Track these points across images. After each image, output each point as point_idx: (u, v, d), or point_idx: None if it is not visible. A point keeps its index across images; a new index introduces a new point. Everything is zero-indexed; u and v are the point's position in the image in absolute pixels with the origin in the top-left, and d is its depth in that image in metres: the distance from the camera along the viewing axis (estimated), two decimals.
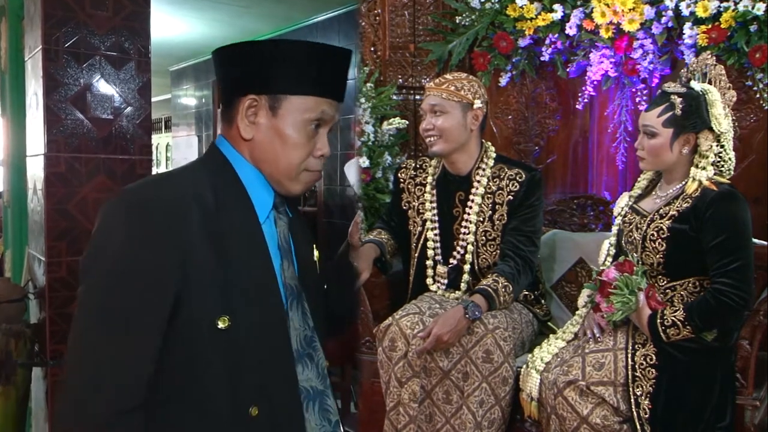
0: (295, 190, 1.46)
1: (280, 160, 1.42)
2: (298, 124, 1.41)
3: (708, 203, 2.26)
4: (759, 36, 2.85)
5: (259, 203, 1.44)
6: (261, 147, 1.42)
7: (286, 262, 1.45)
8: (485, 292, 2.52)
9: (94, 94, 3.07)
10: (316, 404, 1.47)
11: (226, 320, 1.30)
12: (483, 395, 2.46)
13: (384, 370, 2.60)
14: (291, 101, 1.40)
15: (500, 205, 2.71)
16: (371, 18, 3.44)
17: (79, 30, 3.02)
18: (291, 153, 1.42)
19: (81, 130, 3.04)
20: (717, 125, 2.33)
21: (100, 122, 3.10)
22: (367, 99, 3.34)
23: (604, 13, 3.06)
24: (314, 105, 1.41)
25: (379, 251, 2.80)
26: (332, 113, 1.45)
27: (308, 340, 1.47)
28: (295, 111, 1.40)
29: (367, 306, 2.86)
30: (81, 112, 3.04)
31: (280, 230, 1.47)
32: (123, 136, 3.15)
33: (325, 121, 1.44)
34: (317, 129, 1.44)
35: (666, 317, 2.24)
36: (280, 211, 1.48)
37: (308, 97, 1.41)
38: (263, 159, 1.43)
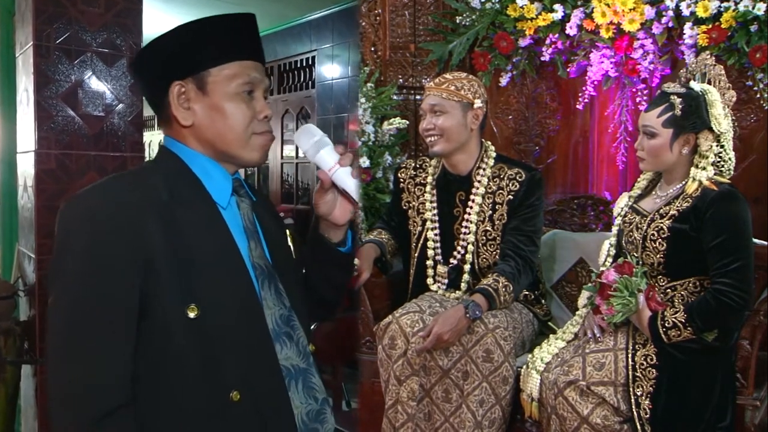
0: (252, 158, 1.48)
1: (226, 133, 1.43)
2: (230, 94, 1.42)
3: (708, 203, 2.26)
4: (759, 36, 2.85)
5: (217, 190, 1.45)
6: (204, 129, 1.44)
7: (253, 242, 1.46)
8: (486, 291, 2.51)
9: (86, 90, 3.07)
10: (299, 382, 1.46)
11: (195, 309, 1.31)
12: (483, 394, 2.45)
13: (384, 369, 2.60)
14: (215, 74, 1.42)
15: (500, 205, 2.71)
16: (371, 18, 3.44)
17: (71, 26, 3.01)
18: (233, 123, 1.43)
19: (72, 127, 3.04)
20: (717, 125, 2.33)
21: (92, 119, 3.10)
22: (367, 99, 3.33)
23: (604, 13, 3.07)
24: (239, 70, 1.43)
25: (380, 251, 2.80)
26: (260, 75, 1.46)
27: (285, 319, 1.47)
28: (223, 82, 1.42)
29: (367, 306, 2.86)
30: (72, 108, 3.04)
31: (243, 212, 1.48)
32: (114, 133, 3.14)
33: (256, 83, 1.45)
34: (251, 94, 1.45)
35: (667, 318, 2.24)
36: (241, 194, 1.50)
37: (230, 65, 1.42)
38: (210, 139, 1.44)
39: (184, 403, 1.33)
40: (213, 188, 1.45)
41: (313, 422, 1.47)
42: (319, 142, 1.50)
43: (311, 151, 1.50)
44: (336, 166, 1.49)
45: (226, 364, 1.35)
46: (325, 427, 1.49)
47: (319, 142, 1.50)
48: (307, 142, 1.51)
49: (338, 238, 1.61)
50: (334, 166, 1.49)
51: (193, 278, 1.33)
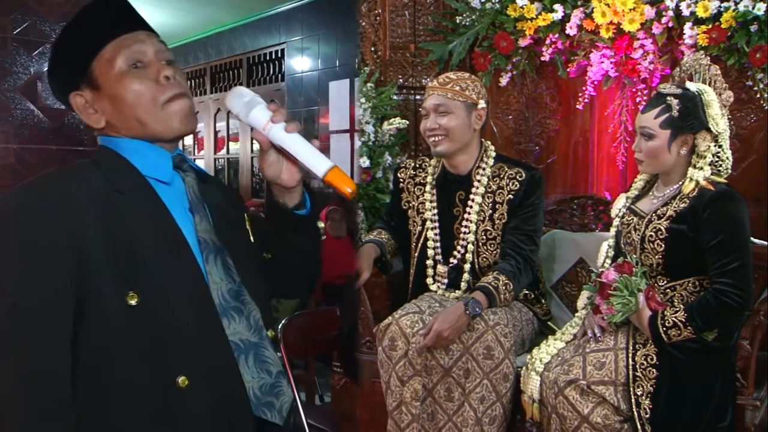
0: (172, 127, 1.42)
1: (138, 114, 1.39)
2: (119, 77, 1.38)
3: (705, 203, 2.27)
4: (759, 36, 2.85)
5: (155, 169, 1.42)
6: (118, 122, 1.41)
7: (198, 216, 1.43)
8: (486, 289, 2.52)
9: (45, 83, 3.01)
10: (250, 357, 1.42)
11: (135, 296, 1.29)
12: (484, 392, 2.46)
13: (384, 370, 2.60)
14: (96, 65, 1.38)
15: (500, 205, 2.71)
16: (371, 18, 3.44)
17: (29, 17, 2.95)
18: (135, 102, 1.38)
19: (31, 121, 2.99)
20: (714, 125, 2.33)
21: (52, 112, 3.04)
22: (367, 99, 3.34)
23: (604, 13, 3.06)
24: (114, 50, 1.38)
25: (380, 251, 2.81)
26: (144, 45, 1.41)
27: (234, 293, 1.43)
28: (107, 69, 1.38)
29: (367, 306, 2.87)
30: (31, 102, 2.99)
31: (188, 186, 1.45)
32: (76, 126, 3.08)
33: (140, 52, 1.40)
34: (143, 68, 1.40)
35: (667, 318, 2.24)
36: (184, 168, 1.46)
37: (106, 48, 1.38)
38: (129, 129, 1.41)
39: (130, 394, 1.30)
40: (150, 169, 1.41)
41: (267, 395, 1.43)
42: (250, 102, 1.42)
43: (243, 112, 1.43)
44: (269, 124, 1.41)
45: (172, 349, 1.32)
46: (282, 399, 1.45)
47: (250, 102, 1.42)
48: (238, 103, 1.43)
49: (294, 202, 1.53)
50: (267, 123, 1.41)
51: (132, 265, 1.30)
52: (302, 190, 1.54)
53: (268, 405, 1.43)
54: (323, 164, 1.38)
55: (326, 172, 1.37)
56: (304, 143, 1.41)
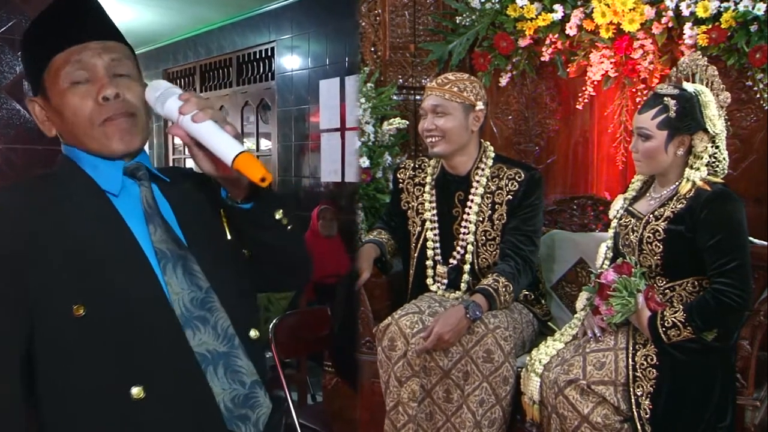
0: (109, 147, 1.38)
1: (74, 131, 1.38)
2: (62, 92, 1.36)
3: (702, 203, 2.27)
4: (759, 36, 2.85)
5: (105, 179, 1.39)
6: (63, 133, 1.41)
7: (152, 226, 1.38)
8: (486, 291, 2.51)
9: None
10: (220, 367, 1.36)
11: (82, 307, 1.26)
12: (483, 395, 2.46)
13: (383, 370, 2.60)
14: (46, 77, 1.37)
15: (500, 205, 2.71)
16: (371, 18, 3.43)
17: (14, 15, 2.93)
18: (74, 119, 1.36)
19: (17, 120, 2.96)
20: (711, 126, 2.33)
21: None
22: (367, 99, 3.33)
23: (604, 13, 3.07)
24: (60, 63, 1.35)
25: (379, 251, 2.81)
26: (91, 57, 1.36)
27: (198, 302, 1.37)
28: (53, 81, 1.36)
29: (367, 306, 2.86)
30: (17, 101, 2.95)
31: (143, 195, 1.40)
32: None
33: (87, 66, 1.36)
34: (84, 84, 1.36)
35: (666, 318, 2.24)
36: (139, 176, 1.42)
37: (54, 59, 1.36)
38: (72, 140, 1.40)
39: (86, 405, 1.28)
40: (101, 179, 1.39)
41: (241, 408, 1.38)
42: (164, 94, 1.32)
43: (158, 105, 1.33)
44: (179, 116, 1.28)
45: (125, 360, 1.29)
46: (258, 411, 1.40)
47: (165, 94, 1.32)
48: (153, 95, 1.34)
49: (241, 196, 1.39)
50: (177, 116, 1.29)
51: (81, 275, 1.27)
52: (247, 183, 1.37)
53: (242, 418, 1.38)
54: (231, 150, 1.22)
55: (234, 158, 1.21)
56: (212, 130, 1.26)
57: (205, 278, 1.39)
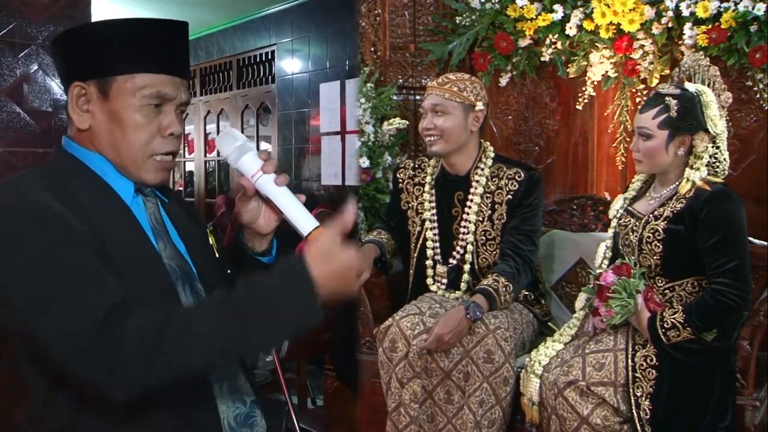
0: (147, 179, 1.38)
1: (121, 146, 1.35)
2: (133, 105, 1.33)
3: (702, 203, 2.27)
4: (759, 36, 2.85)
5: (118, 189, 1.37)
6: (99, 135, 1.36)
7: (162, 243, 1.39)
8: (486, 292, 2.51)
9: (32, 85, 2.99)
10: (224, 385, 1.39)
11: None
12: (484, 395, 2.46)
13: (384, 371, 2.60)
14: (121, 82, 1.33)
15: (499, 205, 2.71)
16: (371, 18, 3.44)
17: (14, 18, 2.93)
18: (131, 137, 1.34)
19: (18, 124, 2.96)
20: (712, 126, 2.33)
21: (39, 115, 3.02)
22: (367, 99, 3.33)
23: (604, 14, 3.07)
24: (148, 82, 1.34)
25: (379, 251, 2.80)
26: (174, 91, 1.37)
27: None
28: (128, 92, 1.33)
29: (367, 306, 2.86)
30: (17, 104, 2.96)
31: (150, 212, 1.41)
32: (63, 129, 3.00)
33: (166, 99, 1.36)
34: (159, 108, 1.36)
35: (665, 319, 2.24)
36: (146, 193, 1.43)
37: (140, 75, 1.33)
38: (105, 147, 1.36)
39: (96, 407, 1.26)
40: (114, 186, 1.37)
41: (242, 426, 1.40)
42: (241, 147, 1.42)
43: (233, 156, 1.42)
44: (259, 173, 1.40)
45: None
46: (256, 430, 1.42)
47: (242, 148, 1.42)
48: (229, 146, 1.42)
49: (262, 248, 1.52)
50: (257, 172, 1.40)
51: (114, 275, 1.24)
52: (272, 237, 1.51)
53: None
54: (309, 224, 1.36)
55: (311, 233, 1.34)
56: (292, 198, 1.39)
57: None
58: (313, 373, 4.04)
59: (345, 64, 5.56)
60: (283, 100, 6.33)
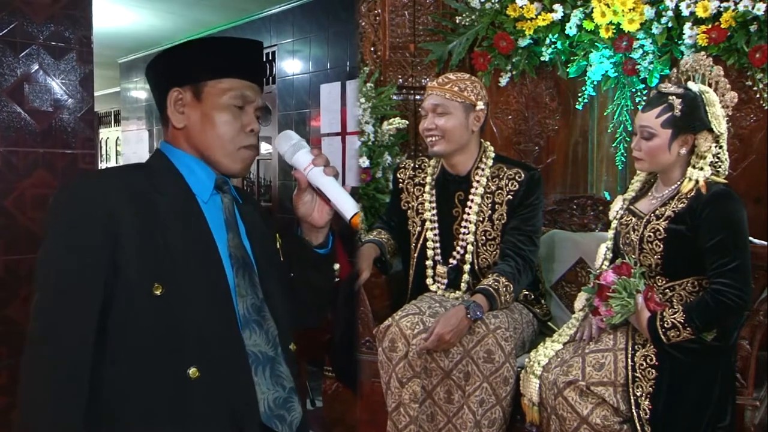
0: (235, 168, 1.61)
1: (213, 140, 1.57)
2: (221, 104, 1.56)
3: (704, 203, 2.26)
4: (759, 36, 2.85)
5: (199, 185, 1.57)
6: (194, 132, 1.58)
7: (232, 234, 1.58)
8: (486, 291, 2.51)
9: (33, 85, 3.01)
10: (267, 369, 1.54)
11: (160, 287, 1.42)
12: (484, 395, 2.45)
13: (384, 371, 2.60)
14: (211, 86, 1.57)
15: (500, 205, 2.71)
16: (371, 18, 3.44)
17: (15, 18, 2.94)
18: (221, 131, 1.57)
19: (18, 123, 2.97)
20: (716, 126, 2.32)
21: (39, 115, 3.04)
22: (367, 99, 3.33)
23: (604, 13, 3.07)
24: (233, 86, 1.57)
25: (379, 251, 2.80)
26: (253, 95, 1.60)
27: (256, 308, 1.56)
28: (217, 94, 1.56)
29: (367, 306, 2.86)
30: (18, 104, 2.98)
31: (225, 206, 1.60)
32: (64, 129, 3.08)
33: (247, 101, 1.59)
34: (241, 109, 1.58)
35: (666, 319, 2.24)
36: (224, 190, 1.62)
37: (225, 80, 1.57)
38: (199, 143, 1.59)
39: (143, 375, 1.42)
40: (194, 183, 1.57)
41: (280, 409, 1.54)
42: (296, 145, 1.63)
43: (289, 153, 1.63)
44: (310, 166, 1.61)
45: (187, 341, 1.44)
46: (292, 414, 1.56)
47: (296, 145, 1.63)
48: (286, 144, 1.64)
49: (318, 241, 1.72)
50: (308, 165, 1.61)
51: (161, 260, 1.44)
52: (328, 231, 1.72)
53: (279, 418, 1.54)
54: (352, 208, 1.58)
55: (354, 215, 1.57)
56: (338, 186, 1.60)
57: (261, 289, 1.60)
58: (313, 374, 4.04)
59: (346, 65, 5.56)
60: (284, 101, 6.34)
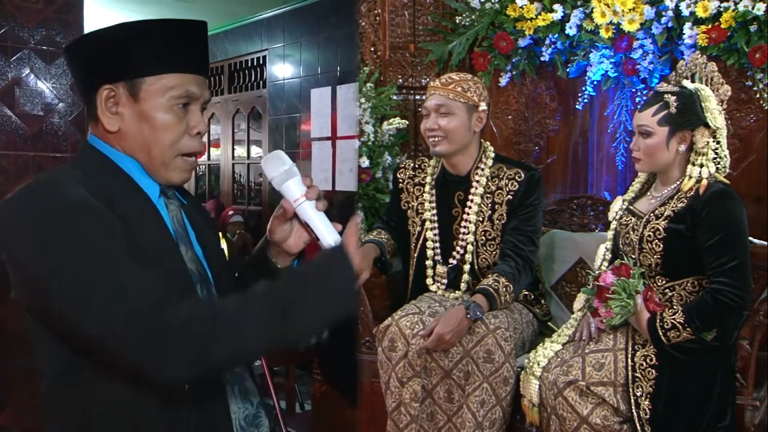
0: (174, 178, 1.42)
1: (152, 146, 1.37)
2: (163, 105, 1.36)
3: (703, 203, 2.27)
4: (759, 36, 2.85)
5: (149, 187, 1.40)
6: (129, 136, 1.37)
7: (184, 246, 1.42)
8: (486, 291, 2.51)
9: (23, 89, 3.00)
10: (236, 386, 1.45)
11: None
12: (484, 395, 2.45)
13: (384, 371, 2.60)
14: (150, 83, 1.35)
15: (500, 205, 2.71)
16: (371, 18, 3.44)
17: (6, 22, 2.93)
18: (161, 136, 1.37)
19: (9, 127, 2.96)
20: (712, 120, 2.33)
21: (30, 118, 3.02)
22: (367, 99, 3.33)
23: (604, 13, 3.07)
24: (177, 82, 1.37)
25: (379, 251, 2.80)
26: (199, 90, 1.40)
27: None
28: (157, 92, 1.36)
29: (367, 306, 2.86)
30: (9, 108, 2.97)
31: (172, 215, 1.44)
32: (54, 133, 3.07)
33: (193, 98, 1.39)
34: (186, 107, 1.39)
35: (665, 320, 2.24)
36: (169, 196, 1.45)
37: (167, 76, 1.36)
38: (135, 148, 1.38)
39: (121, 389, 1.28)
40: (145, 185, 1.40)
41: (250, 426, 1.46)
42: (288, 172, 1.45)
43: (279, 179, 1.45)
44: (302, 199, 1.44)
45: None
46: (261, 430, 1.49)
47: (288, 172, 1.45)
48: (276, 169, 1.45)
49: (285, 264, 1.55)
50: (300, 198, 1.44)
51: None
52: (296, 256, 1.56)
53: None
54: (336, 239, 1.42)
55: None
56: (327, 221, 1.45)
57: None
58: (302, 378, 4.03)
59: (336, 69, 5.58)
60: (275, 105, 6.34)
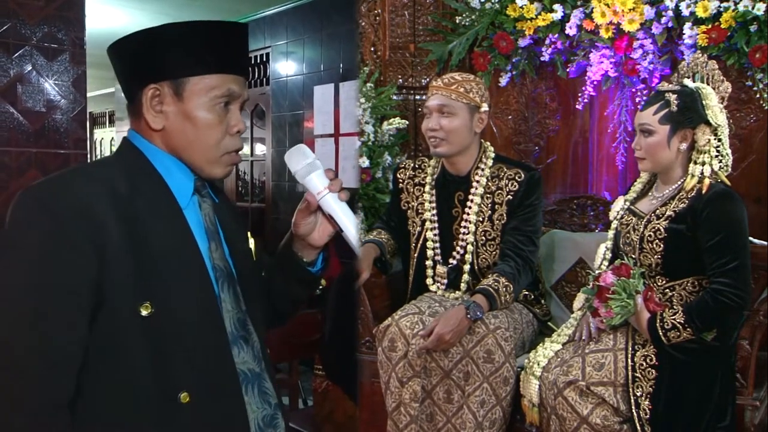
0: (216, 173, 1.45)
1: (195, 144, 1.41)
2: (206, 104, 1.39)
3: (704, 203, 2.27)
4: (759, 36, 2.84)
5: (178, 188, 1.42)
6: (173, 135, 1.41)
7: (214, 243, 1.44)
8: (486, 291, 2.51)
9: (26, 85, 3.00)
10: (255, 387, 1.45)
11: (148, 307, 1.29)
12: (484, 395, 2.45)
13: (384, 371, 2.60)
14: (194, 83, 1.39)
15: (500, 205, 2.71)
16: (371, 18, 3.44)
17: (9, 19, 2.94)
18: (205, 135, 1.40)
19: (11, 123, 2.97)
20: (713, 118, 2.33)
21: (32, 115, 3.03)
22: (367, 99, 3.33)
23: (604, 13, 3.06)
24: (219, 82, 1.40)
25: (379, 251, 2.80)
26: (239, 89, 1.44)
27: (241, 322, 1.45)
28: (201, 92, 1.39)
29: (367, 306, 2.86)
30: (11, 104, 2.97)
31: (204, 213, 1.46)
32: (57, 129, 3.08)
33: (233, 97, 1.43)
34: (227, 107, 1.42)
35: (666, 320, 2.24)
36: (203, 194, 1.48)
37: (211, 76, 1.40)
38: (178, 146, 1.42)
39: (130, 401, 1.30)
40: (174, 185, 1.42)
41: (268, 427, 1.47)
42: (311, 165, 1.49)
43: (302, 172, 1.49)
44: (325, 191, 1.48)
45: (177, 364, 1.33)
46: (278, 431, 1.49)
47: (311, 165, 1.49)
48: (299, 162, 1.49)
49: (311, 258, 1.60)
50: (323, 190, 1.48)
51: (150, 275, 1.30)
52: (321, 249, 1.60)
53: None
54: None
55: None
56: (350, 212, 1.49)
57: (243, 301, 1.47)
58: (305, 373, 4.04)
59: (339, 67, 5.57)
60: (278, 102, 6.34)
